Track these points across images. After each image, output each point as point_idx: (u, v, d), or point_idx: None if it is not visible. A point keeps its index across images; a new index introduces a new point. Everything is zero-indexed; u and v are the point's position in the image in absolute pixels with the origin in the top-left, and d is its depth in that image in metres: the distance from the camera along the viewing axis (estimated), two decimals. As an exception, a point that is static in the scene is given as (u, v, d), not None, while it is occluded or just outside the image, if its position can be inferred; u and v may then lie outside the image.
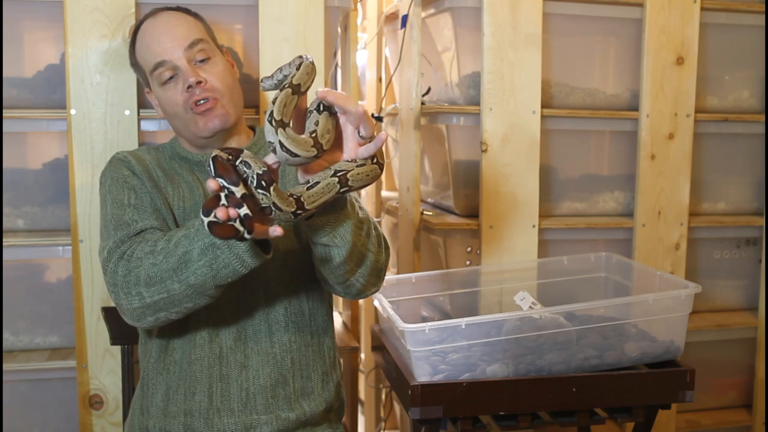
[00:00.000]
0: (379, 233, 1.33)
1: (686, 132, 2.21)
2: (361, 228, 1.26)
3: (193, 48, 1.40)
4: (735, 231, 2.35)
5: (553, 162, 2.23)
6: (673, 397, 1.59)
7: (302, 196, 1.11)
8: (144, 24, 1.45)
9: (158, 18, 1.44)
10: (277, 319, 1.41)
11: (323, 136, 1.10)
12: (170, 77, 1.40)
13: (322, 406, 1.44)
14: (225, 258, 1.17)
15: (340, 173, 1.12)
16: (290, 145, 1.07)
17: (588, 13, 2.17)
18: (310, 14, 1.86)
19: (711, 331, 2.31)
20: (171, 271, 1.20)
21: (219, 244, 1.17)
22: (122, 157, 1.45)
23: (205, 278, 1.20)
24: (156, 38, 1.41)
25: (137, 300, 1.24)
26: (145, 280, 1.22)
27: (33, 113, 1.81)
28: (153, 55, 1.41)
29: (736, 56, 2.32)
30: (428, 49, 2.30)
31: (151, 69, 1.42)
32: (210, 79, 1.40)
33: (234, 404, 1.37)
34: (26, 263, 1.88)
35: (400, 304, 1.86)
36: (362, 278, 1.32)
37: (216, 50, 1.46)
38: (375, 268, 1.32)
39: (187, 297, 1.23)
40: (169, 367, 1.40)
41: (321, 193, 1.12)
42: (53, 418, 1.90)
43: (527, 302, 1.67)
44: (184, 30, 1.42)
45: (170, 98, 1.41)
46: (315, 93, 1.10)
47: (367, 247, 1.28)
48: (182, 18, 1.45)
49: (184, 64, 1.39)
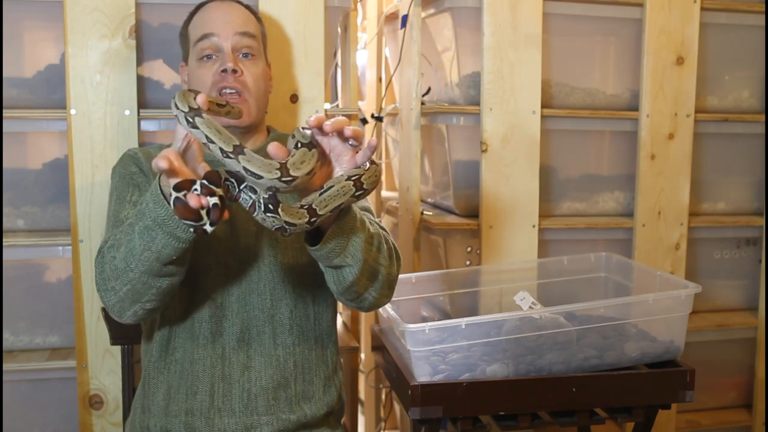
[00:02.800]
0: (390, 246, 1.32)
1: (686, 132, 2.21)
2: (372, 243, 1.24)
3: (243, 38, 1.43)
4: (735, 231, 2.35)
5: (553, 162, 2.23)
6: (673, 397, 1.59)
7: (314, 202, 1.10)
8: (209, 2, 1.49)
9: (225, 1, 1.49)
10: (282, 321, 1.41)
11: (295, 164, 1.07)
12: (209, 55, 1.43)
13: (323, 410, 1.44)
14: (161, 239, 1.13)
15: (354, 177, 1.11)
16: (251, 167, 1.05)
17: (588, 13, 2.17)
18: (310, 14, 1.86)
19: (711, 331, 2.31)
20: (124, 261, 1.18)
21: (151, 226, 1.13)
22: (132, 154, 1.46)
23: (150, 262, 1.16)
24: (215, 14, 1.46)
25: (113, 295, 1.23)
26: (111, 274, 1.21)
27: (33, 113, 1.81)
28: (205, 26, 1.44)
29: (736, 56, 2.32)
30: (428, 49, 2.30)
31: (197, 39, 1.44)
32: (246, 73, 1.42)
33: (235, 405, 1.37)
34: (26, 263, 1.88)
35: (400, 304, 1.86)
36: (375, 292, 1.31)
37: (262, 55, 1.49)
38: (387, 281, 1.31)
39: (146, 284, 1.20)
40: (170, 366, 1.40)
41: (335, 196, 1.11)
42: (53, 418, 1.90)
43: (527, 302, 1.67)
44: (243, 20, 1.46)
45: (201, 76, 1.43)
46: (293, 134, 1.09)
47: (378, 262, 1.27)
48: (245, 12, 1.50)
49: (228, 48, 1.42)
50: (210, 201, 1.02)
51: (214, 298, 1.38)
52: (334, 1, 1.91)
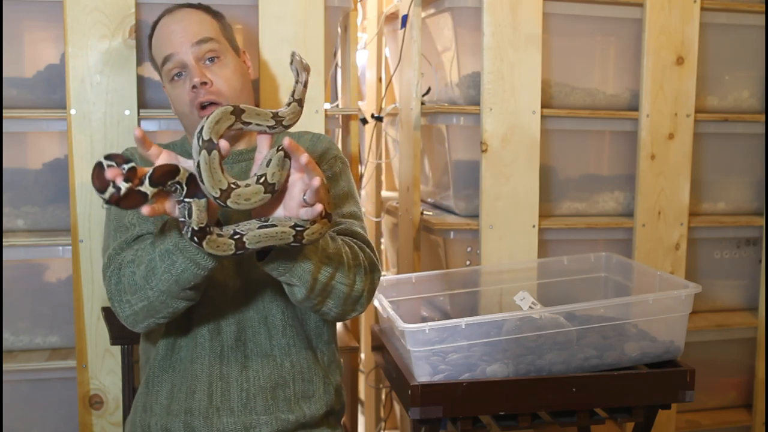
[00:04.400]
0: (360, 262, 1.28)
1: (686, 132, 2.21)
2: (329, 264, 1.21)
3: (202, 46, 1.39)
4: (735, 231, 2.35)
5: (553, 162, 2.23)
6: (673, 397, 1.59)
7: (248, 234, 1.08)
8: (161, 18, 1.46)
9: (175, 13, 1.45)
10: (275, 323, 1.41)
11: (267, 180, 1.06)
12: (178, 73, 1.40)
13: (323, 410, 1.44)
14: (181, 263, 1.16)
15: (299, 228, 1.09)
16: (204, 171, 1.03)
17: (588, 13, 2.17)
18: (310, 14, 1.86)
19: (711, 331, 2.31)
20: (143, 279, 1.20)
21: (172, 250, 1.16)
22: (129, 155, 1.45)
23: (169, 284, 1.18)
24: (168, 32, 1.42)
25: (127, 307, 1.25)
26: (128, 289, 1.23)
27: (33, 113, 1.81)
28: (163, 47, 1.41)
29: (736, 56, 2.32)
30: (428, 49, 2.30)
31: (161, 62, 1.42)
32: (216, 80, 1.39)
33: (234, 404, 1.37)
34: (26, 263, 1.88)
35: (400, 304, 1.86)
36: (336, 308, 1.28)
37: (228, 51, 1.44)
38: (349, 297, 1.27)
39: (163, 303, 1.22)
40: (174, 365, 1.40)
41: (271, 237, 1.09)
42: (53, 418, 1.90)
43: (527, 302, 1.67)
44: (196, 27, 1.41)
45: (178, 96, 1.41)
46: (283, 142, 1.07)
47: (336, 280, 1.24)
48: (197, 15, 1.44)
49: (191, 61, 1.39)
50: (121, 184, 0.99)
51: (213, 297, 1.38)
52: (334, 1, 1.91)
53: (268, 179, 1.07)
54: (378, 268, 1.34)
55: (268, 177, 1.07)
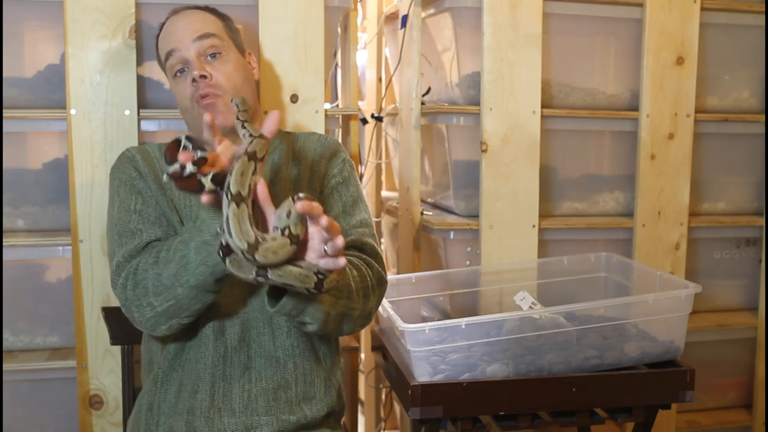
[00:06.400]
0: (366, 284, 1.32)
1: (686, 132, 2.21)
2: (340, 297, 1.26)
3: (203, 41, 1.42)
4: (735, 231, 2.35)
5: (553, 162, 2.23)
6: (673, 397, 1.59)
7: (272, 270, 1.09)
8: (168, 18, 1.50)
9: (181, 13, 1.49)
10: (280, 324, 1.41)
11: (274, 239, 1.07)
12: (180, 70, 1.43)
13: (324, 411, 1.44)
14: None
15: (321, 275, 1.11)
16: (232, 223, 1.06)
17: (588, 13, 2.17)
18: (310, 14, 1.86)
19: (711, 331, 2.31)
20: (173, 276, 1.23)
21: (210, 241, 1.18)
22: (131, 156, 1.46)
23: (204, 276, 1.21)
24: (172, 29, 1.46)
25: (149, 310, 1.27)
26: (152, 291, 1.25)
27: (33, 113, 1.81)
28: (167, 44, 1.45)
29: (736, 56, 2.32)
30: (428, 49, 2.30)
31: (165, 58, 1.46)
32: (216, 75, 1.41)
33: (235, 405, 1.37)
34: (26, 263, 1.88)
35: (400, 304, 1.86)
36: (347, 328, 1.34)
37: (231, 48, 1.47)
38: (361, 316, 1.34)
39: (192, 299, 1.25)
40: (183, 365, 1.40)
41: (294, 277, 1.10)
42: (53, 418, 1.90)
43: (527, 302, 1.67)
44: (199, 24, 1.45)
45: (180, 91, 1.44)
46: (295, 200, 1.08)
47: (347, 308, 1.29)
48: (201, 14, 1.48)
49: (192, 56, 1.42)
50: (188, 166, 1.09)
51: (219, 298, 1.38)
52: (334, 1, 1.91)
53: (292, 231, 1.08)
54: (385, 280, 1.39)
55: (292, 229, 1.09)
